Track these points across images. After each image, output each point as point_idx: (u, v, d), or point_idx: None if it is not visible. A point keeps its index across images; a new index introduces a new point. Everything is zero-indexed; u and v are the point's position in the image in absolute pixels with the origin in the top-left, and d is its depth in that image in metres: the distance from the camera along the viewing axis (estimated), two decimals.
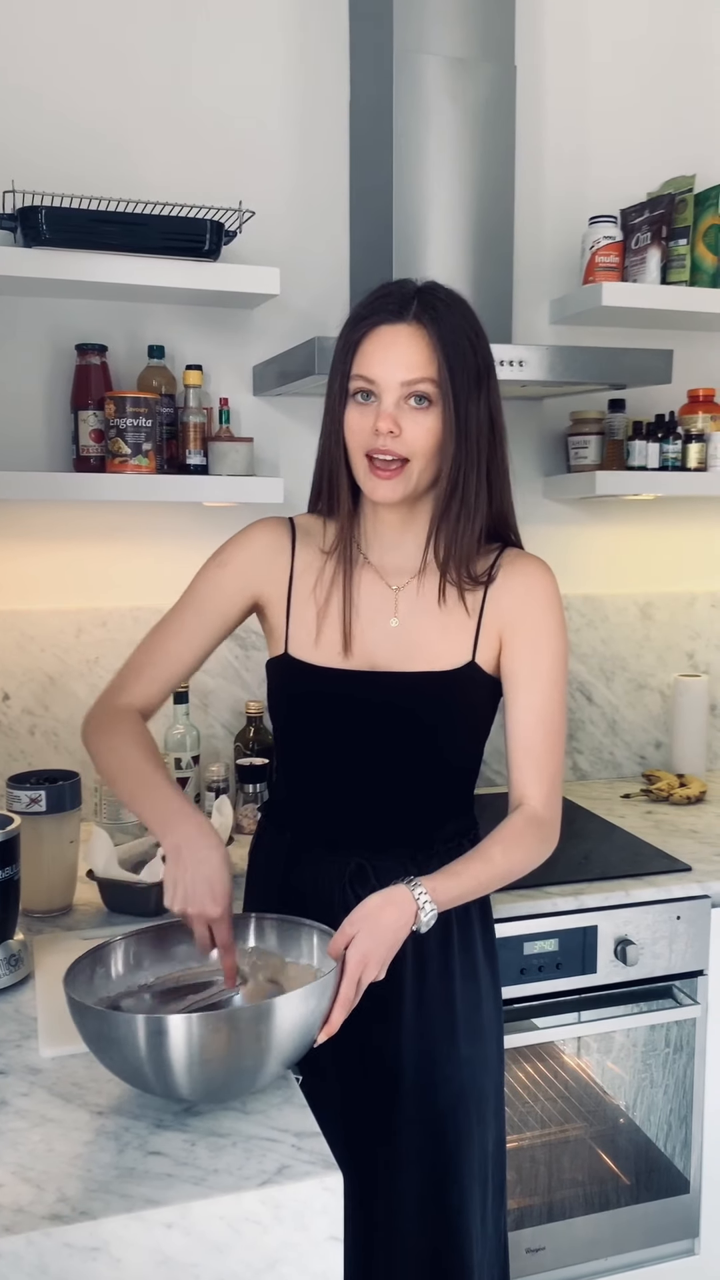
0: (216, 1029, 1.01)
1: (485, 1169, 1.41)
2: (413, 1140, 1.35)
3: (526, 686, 1.33)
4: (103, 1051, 1.06)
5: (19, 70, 1.96)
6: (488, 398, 1.26)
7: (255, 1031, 1.03)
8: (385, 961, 1.16)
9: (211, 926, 1.20)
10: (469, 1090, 1.37)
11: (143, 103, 2.03)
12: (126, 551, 2.12)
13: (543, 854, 1.32)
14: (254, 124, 2.11)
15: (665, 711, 2.48)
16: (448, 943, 1.36)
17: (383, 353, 1.23)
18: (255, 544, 1.40)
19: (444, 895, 1.22)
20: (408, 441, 1.24)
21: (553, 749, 1.34)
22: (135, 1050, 1.01)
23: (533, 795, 1.33)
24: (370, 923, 1.16)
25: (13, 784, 1.61)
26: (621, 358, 1.95)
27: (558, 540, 2.34)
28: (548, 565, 1.37)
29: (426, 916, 1.19)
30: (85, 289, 1.91)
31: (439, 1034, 1.36)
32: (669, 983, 1.83)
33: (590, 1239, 1.85)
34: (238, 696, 2.18)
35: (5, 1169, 0.99)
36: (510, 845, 1.29)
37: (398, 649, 1.34)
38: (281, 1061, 1.07)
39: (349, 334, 1.26)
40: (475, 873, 1.26)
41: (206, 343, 2.11)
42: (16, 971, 1.35)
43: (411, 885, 1.20)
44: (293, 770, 1.43)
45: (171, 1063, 1.01)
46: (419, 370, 1.22)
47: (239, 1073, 1.05)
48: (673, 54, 2.35)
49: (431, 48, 1.94)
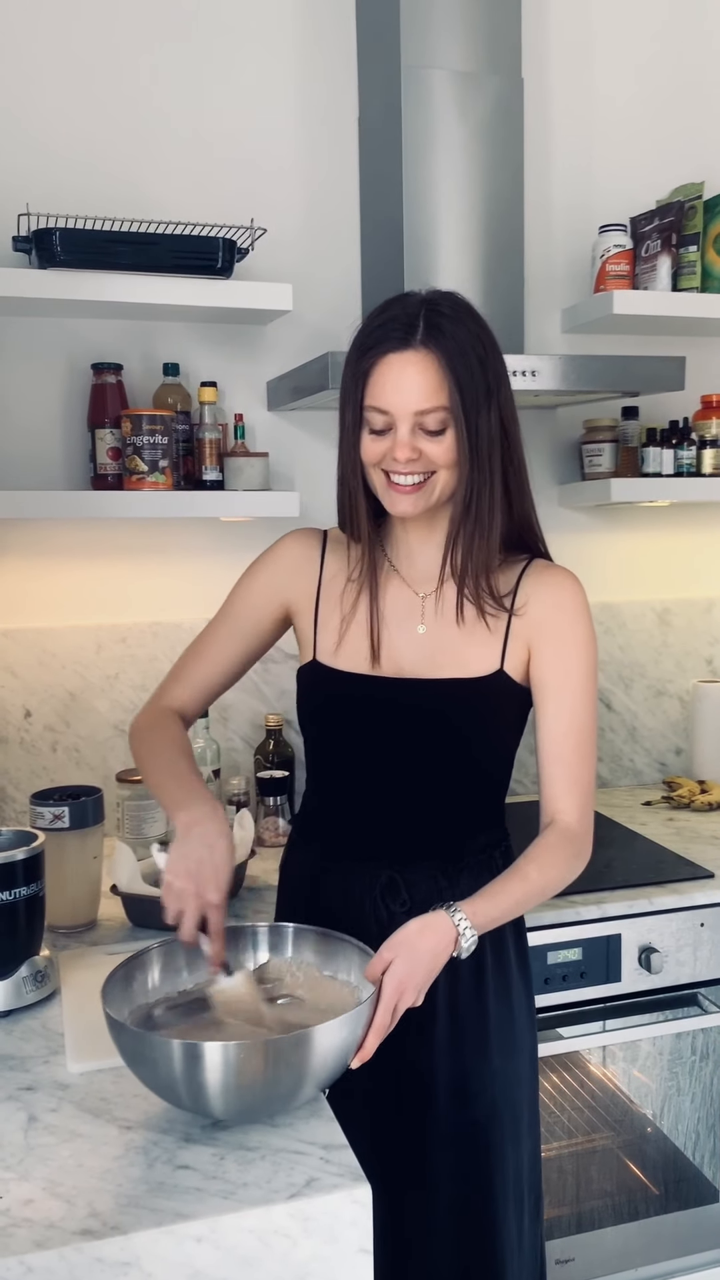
0: (252, 1055, 1.01)
1: (520, 1187, 1.39)
2: (445, 1157, 1.34)
3: (556, 696, 1.32)
4: (138, 1069, 1.06)
5: (31, 95, 1.98)
6: (499, 409, 1.26)
7: (291, 1058, 1.03)
8: (422, 989, 1.15)
9: (206, 913, 1.18)
10: (502, 1105, 1.36)
11: (154, 122, 2.05)
12: (145, 568, 2.13)
13: (576, 870, 1.31)
14: (264, 141, 2.12)
15: (685, 718, 2.48)
16: (481, 960, 1.35)
17: (394, 383, 1.22)
18: (285, 554, 1.43)
19: (483, 919, 1.20)
20: (428, 461, 1.25)
21: (584, 759, 1.32)
22: (170, 1072, 1.02)
23: (565, 808, 1.31)
24: (408, 949, 1.15)
25: (36, 801, 1.62)
26: (634, 365, 1.95)
27: (573, 548, 2.34)
28: (575, 576, 1.36)
29: (467, 942, 1.18)
30: (100, 309, 1.93)
31: (472, 1050, 1.35)
32: (694, 990, 1.83)
33: (620, 1249, 1.84)
34: (257, 710, 2.19)
35: (36, 1185, 0.99)
36: (545, 863, 1.27)
37: (424, 656, 1.34)
38: (316, 1085, 1.07)
39: (357, 364, 1.26)
40: (512, 892, 1.24)
41: (220, 359, 2.13)
42: (43, 987, 1.36)
43: (451, 911, 1.18)
44: (321, 780, 1.44)
45: (206, 1086, 1.01)
46: (430, 400, 1.21)
47: (273, 1098, 1.05)
48: (679, 61, 2.35)
49: (439, 62, 1.95)
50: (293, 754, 2.13)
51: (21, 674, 2.06)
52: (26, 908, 1.34)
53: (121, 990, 1.15)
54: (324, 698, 1.39)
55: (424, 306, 1.24)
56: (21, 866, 1.33)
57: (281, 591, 1.42)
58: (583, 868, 1.32)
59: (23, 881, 1.33)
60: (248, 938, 1.27)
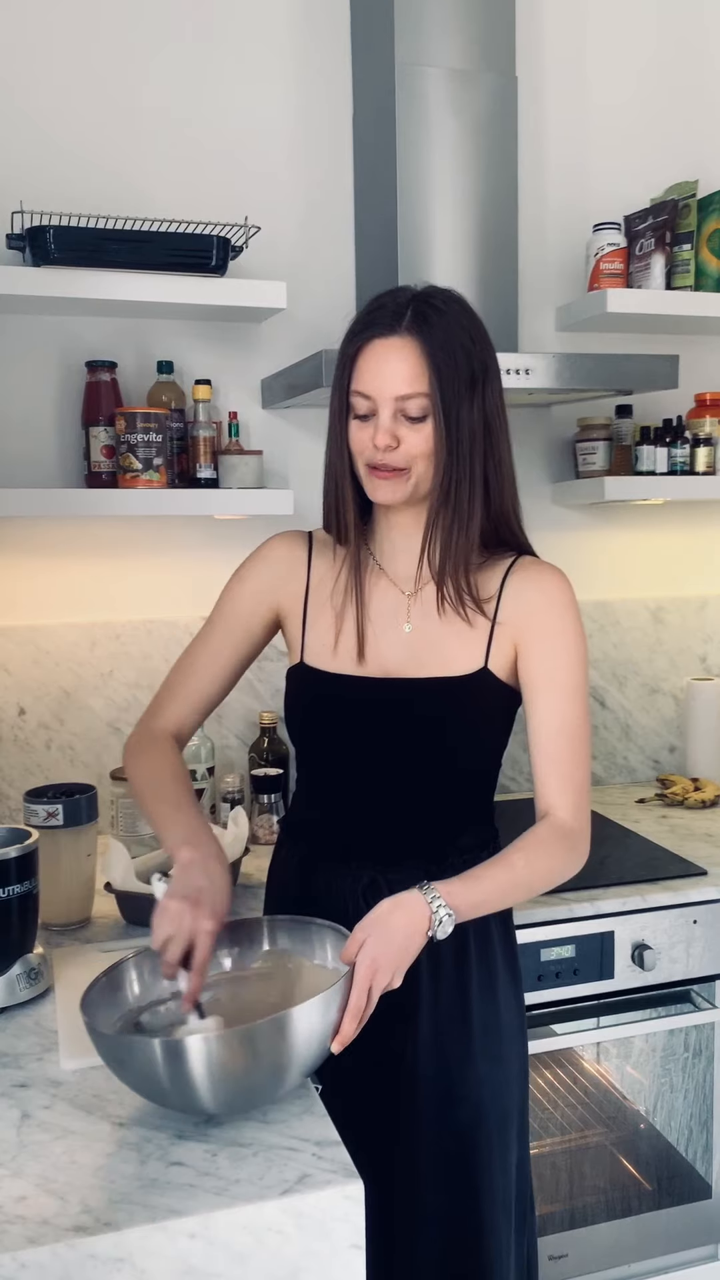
0: (231, 1044, 1.02)
1: (509, 1191, 1.39)
2: (430, 1160, 1.33)
3: (546, 695, 1.31)
4: (122, 1073, 1.07)
5: (25, 92, 1.98)
6: (482, 402, 1.25)
7: (270, 1042, 1.03)
8: (398, 968, 1.13)
9: (196, 938, 1.15)
10: (489, 1110, 1.35)
11: (147, 120, 2.05)
12: (139, 565, 2.13)
13: (572, 865, 1.29)
14: (258, 139, 2.12)
15: (678, 715, 2.48)
16: (464, 956, 1.35)
17: (376, 368, 1.23)
18: (271, 557, 1.43)
19: (461, 900, 1.18)
20: (407, 452, 1.25)
21: (577, 757, 1.31)
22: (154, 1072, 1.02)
23: (559, 805, 1.30)
24: (380, 927, 1.14)
25: (30, 798, 1.62)
26: (628, 364, 1.96)
27: (567, 546, 2.35)
28: (563, 573, 1.35)
29: (441, 921, 1.16)
30: (94, 306, 1.93)
31: (455, 1051, 1.34)
32: (687, 987, 1.83)
33: (613, 1245, 1.85)
34: (251, 707, 2.19)
35: (29, 1181, 1.00)
36: (534, 853, 1.26)
37: (410, 655, 1.34)
38: (301, 1070, 1.07)
39: (345, 348, 1.27)
40: (494, 877, 1.22)
41: (215, 357, 2.13)
42: (36, 985, 1.36)
43: (424, 889, 1.17)
44: (308, 780, 1.44)
45: (191, 1080, 1.01)
46: (410, 385, 1.22)
47: (258, 1086, 1.06)
48: (673, 59, 2.36)
49: (433, 60, 1.95)
50: (287, 751, 2.13)
51: (15, 671, 2.06)
52: (20, 905, 1.34)
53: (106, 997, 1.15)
54: (310, 698, 1.39)
55: (416, 297, 1.25)
56: (15, 864, 1.33)
57: (270, 595, 1.42)
58: (579, 865, 1.30)
59: (16, 879, 1.33)
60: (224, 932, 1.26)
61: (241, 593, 1.43)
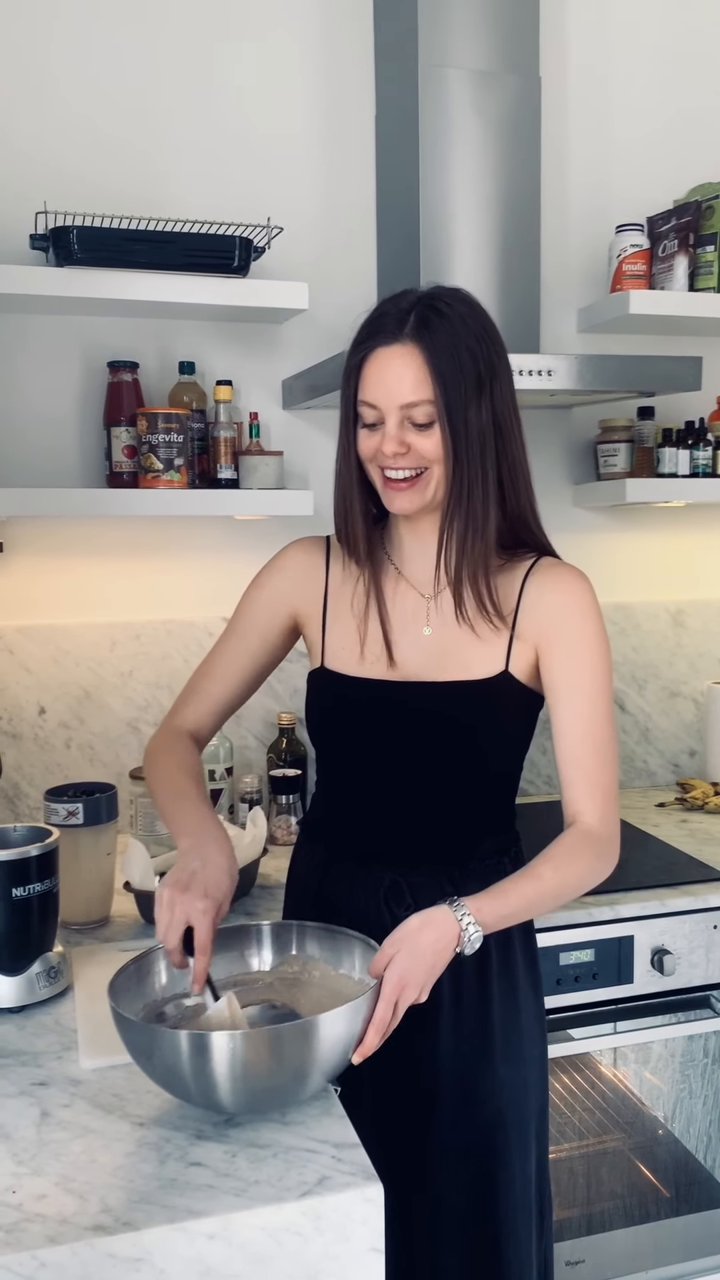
0: (256, 1044, 1.02)
1: (527, 1195, 1.38)
2: (449, 1164, 1.33)
3: (569, 700, 1.30)
4: (145, 1063, 1.07)
5: (49, 92, 1.99)
6: (491, 402, 1.24)
7: (294, 1047, 1.03)
8: (425, 984, 1.12)
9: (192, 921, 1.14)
10: (508, 1114, 1.35)
11: (171, 121, 2.06)
12: (159, 565, 2.14)
13: (601, 871, 1.27)
14: (281, 140, 2.12)
15: (699, 719, 2.47)
16: (486, 963, 1.34)
17: (380, 376, 1.23)
18: (288, 565, 1.43)
19: (489, 915, 1.17)
20: (418, 456, 1.24)
21: (603, 761, 1.29)
22: (178, 1064, 1.02)
23: (586, 811, 1.28)
24: (409, 944, 1.13)
25: (50, 797, 1.62)
26: (650, 365, 1.94)
27: (588, 548, 2.34)
28: (583, 574, 1.34)
29: (470, 938, 1.15)
30: (116, 307, 1.93)
31: (475, 1055, 1.34)
32: (707, 992, 1.82)
33: (630, 1252, 1.84)
34: (269, 708, 2.19)
35: (49, 1180, 1.00)
36: (562, 863, 1.24)
37: (430, 658, 1.33)
38: (321, 1076, 1.07)
39: (350, 358, 1.27)
40: (523, 891, 1.20)
41: (236, 358, 2.13)
42: (56, 983, 1.36)
43: (454, 906, 1.16)
44: (328, 783, 1.44)
45: (214, 1076, 1.01)
46: (414, 393, 1.21)
47: (278, 1089, 1.05)
48: (697, 61, 2.35)
49: (456, 61, 1.95)
50: (305, 752, 2.13)
51: (36, 670, 2.07)
52: (40, 904, 1.35)
53: (132, 986, 1.15)
54: (331, 702, 1.38)
55: (419, 301, 1.24)
56: (35, 863, 1.33)
57: (287, 602, 1.41)
58: (608, 871, 1.28)
59: (36, 878, 1.33)
60: (252, 936, 1.27)
61: (258, 600, 1.43)
